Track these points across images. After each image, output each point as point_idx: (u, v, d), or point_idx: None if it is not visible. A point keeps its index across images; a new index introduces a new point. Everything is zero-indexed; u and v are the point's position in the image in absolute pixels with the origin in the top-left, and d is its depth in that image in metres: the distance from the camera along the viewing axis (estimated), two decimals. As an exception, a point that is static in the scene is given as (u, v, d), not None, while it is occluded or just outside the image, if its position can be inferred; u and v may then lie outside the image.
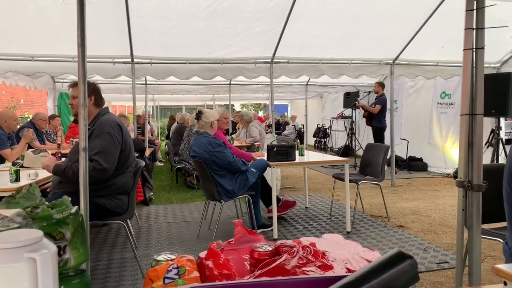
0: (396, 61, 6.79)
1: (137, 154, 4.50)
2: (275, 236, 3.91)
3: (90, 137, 2.87)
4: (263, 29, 5.75)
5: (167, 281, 0.79)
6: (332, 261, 0.90)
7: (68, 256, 0.83)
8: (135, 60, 6.06)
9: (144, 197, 5.45)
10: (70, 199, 0.87)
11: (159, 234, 4.18)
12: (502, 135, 6.73)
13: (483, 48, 2.19)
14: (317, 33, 6.04)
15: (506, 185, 1.58)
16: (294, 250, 0.91)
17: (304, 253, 0.90)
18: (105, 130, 2.83)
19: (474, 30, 2.20)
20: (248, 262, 0.99)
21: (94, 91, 3.00)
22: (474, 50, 2.20)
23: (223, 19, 5.45)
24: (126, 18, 5.24)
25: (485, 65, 7.25)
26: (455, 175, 7.48)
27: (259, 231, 4.08)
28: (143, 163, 3.22)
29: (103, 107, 3.08)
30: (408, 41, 6.37)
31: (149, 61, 6.12)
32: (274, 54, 6.35)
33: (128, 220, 3.66)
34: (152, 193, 5.91)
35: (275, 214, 3.94)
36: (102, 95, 3.14)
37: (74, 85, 3.03)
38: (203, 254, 0.92)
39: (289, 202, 4.83)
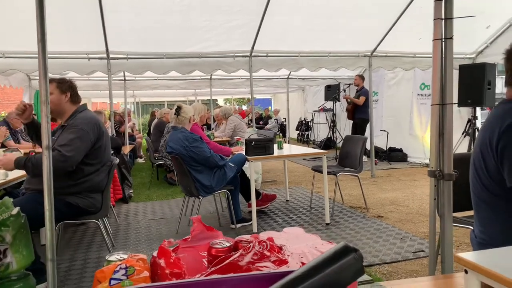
0: (374, 53, 6.83)
1: (112, 152, 4.41)
2: (255, 230, 3.90)
3: (61, 132, 2.81)
4: (241, 22, 5.70)
5: (113, 282, 0.76)
6: (288, 255, 0.89)
7: (9, 260, 0.79)
8: (110, 55, 5.94)
9: (123, 194, 5.37)
10: (11, 200, 0.83)
11: (138, 232, 4.13)
12: (478, 124, 6.85)
13: (451, 38, 2.20)
14: (295, 26, 6.02)
15: (471, 176, 1.59)
16: (250, 246, 0.89)
17: (260, 248, 0.89)
18: (77, 126, 2.77)
19: (443, 20, 2.21)
20: (207, 259, 0.97)
21: (70, 87, 2.93)
22: (443, 40, 2.21)
23: (199, 13, 5.38)
24: (100, 13, 5.13)
25: (460, 55, 7.30)
26: (433, 165, 7.60)
27: (238, 225, 4.07)
28: (117, 160, 3.16)
29: (80, 104, 3.00)
30: (385, 33, 6.40)
31: (125, 56, 6.01)
32: (252, 47, 6.31)
33: (104, 218, 3.61)
34: (131, 191, 5.83)
35: (254, 208, 3.93)
36: (81, 92, 3.08)
37: (50, 81, 2.96)
38: (156, 253, 0.89)
39: (269, 195, 4.82)
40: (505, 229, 1.44)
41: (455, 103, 2.32)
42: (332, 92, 9.77)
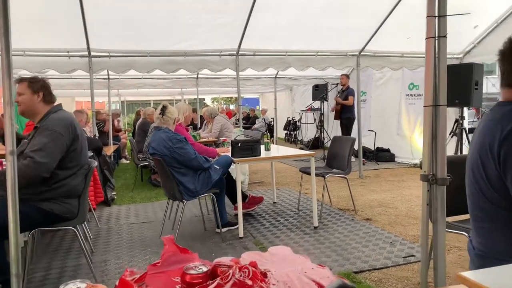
0: (362, 53, 6.76)
1: (91, 154, 4.24)
2: (241, 235, 3.78)
3: (34, 135, 2.64)
4: (227, 20, 5.56)
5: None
6: (273, 284, 0.77)
7: None
8: (92, 53, 5.73)
9: (105, 197, 5.19)
10: None
11: (119, 237, 3.96)
12: (466, 124, 6.84)
13: (445, 36, 2.11)
14: (282, 24, 5.91)
15: (468, 183, 1.49)
16: (229, 273, 0.76)
17: (241, 275, 0.76)
18: (50, 128, 2.59)
19: (436, 18, 2.12)
20: (180, 286, 0.84)
21: (42, 87, 2.75)
22: (436, 38, 2.12)
23: (184, 10, 5.22)
24: (80, 9, 4.93)
25: (448, 55, 7.29)
26: (421, 165, 7.58)
27: (224, 229, 3.94)
28: (95, 163, 3.00)
29: (55, 104, 2.82)
30: (373, 32, 6.34)
31: (107, 54, 5.81)
32: (239, 46, 6.18)
33: (84, 224, 3.44)
34: (114, 193, 5.64)
35: (240, 212, 3.81)
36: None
37: (19, 81, 2.78)
38: (118, 282, 0.76)
39: (256, 198, 4.70)
40: (507, 242, 1.34)
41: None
42: (319, 91, 9.69)
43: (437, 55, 2.13)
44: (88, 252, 3.33)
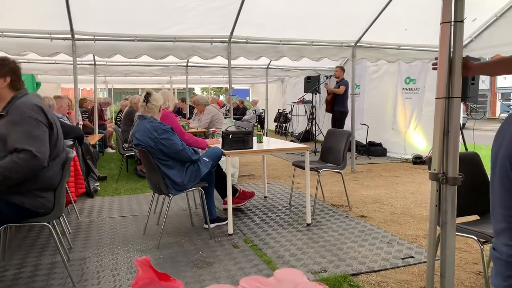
0: (358, 44, 6.55)
1: (71, 142, 3.97)
2: (230, 231, 3.57)
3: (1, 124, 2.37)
4: (220, 4, 5.29)
5: None
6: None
7: None
8: (75, 36, 5.41)
9: (88, 188, 4.93)
10: None
11: (101, 232, 3.72)
12: (461, 119, 6.73)
13: (462, 21, 1.91)
14: (277, 12, 5.66)
15: (501, 179, 1.28)
16: (225, 315, 0.55)
17: (240, 318, 0.55)
18: (25, 115, 2.33)
19: (453, 0, 1.91)
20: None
21: (11, 70, 2.44)
22: (452, 23, 1.92)
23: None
24: (63, -13, 4.63)
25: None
26: (414, 161, 7.46)
27: (212, 225, 3.74)
28: (74, 154, 2.75)
29: (21, 89, 2.53)
30: (370, 23, 6.13)
31: (92, 37, 5.48)
32: (231, 33, 5.91)
33: (61, 218, 3.20)
34: (97, 184, 5.38)
35: (230, 207, 3.60)
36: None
37: None
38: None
39: (247, 192, 4.49)
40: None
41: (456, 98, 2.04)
42: (312, 83, 9.47)
43: (452, 42, 1.93)
44: (65, 249, 3.11)
